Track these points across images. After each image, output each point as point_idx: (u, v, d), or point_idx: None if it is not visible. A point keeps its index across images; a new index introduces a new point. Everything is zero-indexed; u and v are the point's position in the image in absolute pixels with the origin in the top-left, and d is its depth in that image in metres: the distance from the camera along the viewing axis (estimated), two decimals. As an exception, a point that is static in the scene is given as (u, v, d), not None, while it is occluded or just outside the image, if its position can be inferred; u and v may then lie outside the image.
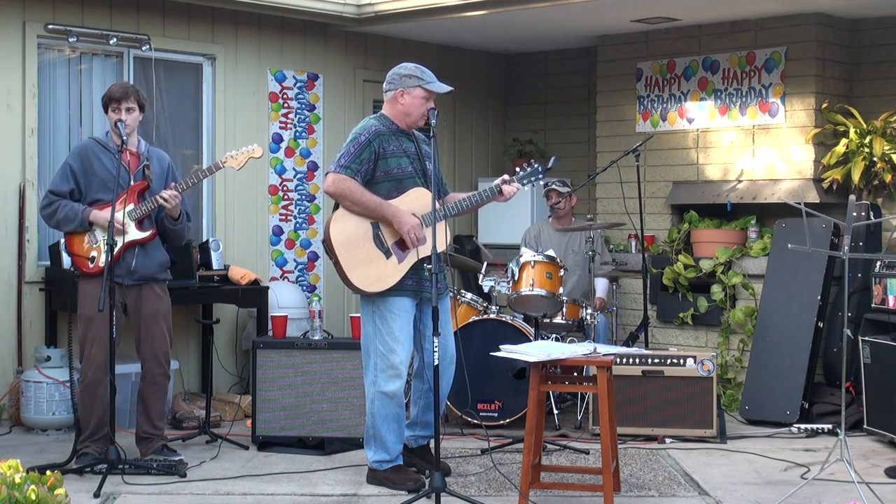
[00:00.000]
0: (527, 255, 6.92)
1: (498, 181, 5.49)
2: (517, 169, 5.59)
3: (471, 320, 6.89)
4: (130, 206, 5.77)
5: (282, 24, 8.21)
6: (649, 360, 6.64)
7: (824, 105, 7.64)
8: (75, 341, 5.84)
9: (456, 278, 8.95)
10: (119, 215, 5.67)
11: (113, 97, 5.80)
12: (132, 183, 5.82)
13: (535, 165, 5.56)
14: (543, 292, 6.78)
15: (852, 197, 5.46)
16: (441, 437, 5.18)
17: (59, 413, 6.69)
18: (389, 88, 5.51)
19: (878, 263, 6.62)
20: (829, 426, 6.73)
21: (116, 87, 5.88)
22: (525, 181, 5.54)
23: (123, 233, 5.69)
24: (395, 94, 5.48)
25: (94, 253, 5.73)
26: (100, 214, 5.68)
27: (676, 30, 8.25)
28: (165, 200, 5.74)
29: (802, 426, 6.80)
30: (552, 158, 5.71)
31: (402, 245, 5.39)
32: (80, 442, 5.78)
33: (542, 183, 6.65)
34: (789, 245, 5.78)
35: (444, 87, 5.47)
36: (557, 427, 6.81)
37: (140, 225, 5.79)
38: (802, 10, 7.58)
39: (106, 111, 5.85)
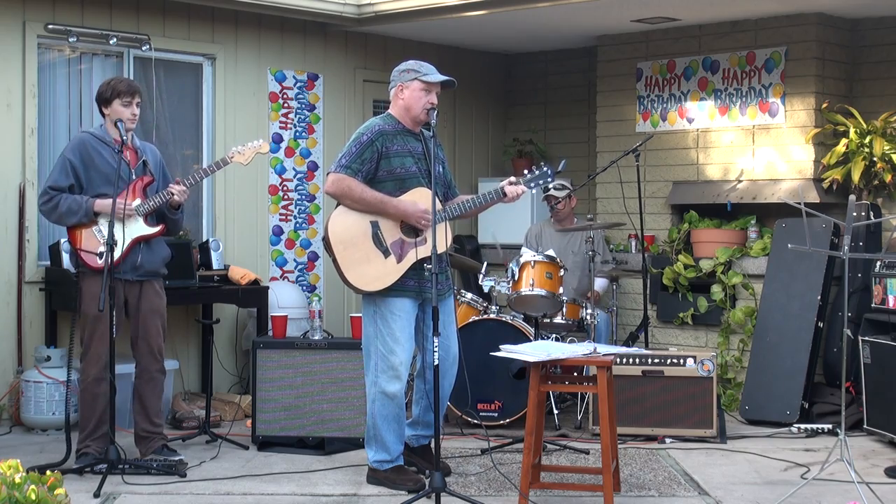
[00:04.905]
0: (527, 255, 6.92)
1: (504, 183, 5.47)
2: (525, 171, 5.56)
3: (471, 320, 6.89)
4: (137, 202, 5.77)
5: (282, 24, 8.21)
6: (649, 360, 6.64)
7: (824, 105, 7.63)
8: (77, 339, 5.83)
9: (456, 278, 8.95)
10: (130, 205, 5.70)
11: (123, 91, 5.75)
12: (134, 178, 5.82)
13: (545, 168, 5.52)
14: (543, 292, 6.78)
15: (852, 197, 5.45)
16: (441, 437, 5.18)
17: (59, 413, 6.68)
18: (391, 86, 5.52)
19: (878, 263, 6.62)
20: (829, 426, 6.73)
21: (122, 82, 5.83)
22: (533, 184, 5.51)
23: (127, 218, 5.67)
24: (396, 90, 5.48)
25: (102, 248, 5.66)
26: (105, 203, 5.62)
27: (676, 30, 8.25)
28: (174, 195, 5.77)
29: (802, 426, 6.80)
30: (562, 161, 5.66)
31: (401, 245, 5.39)
32: (80, 441, 5.78)
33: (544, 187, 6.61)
34: (789, 245, 5.78)
35: (441, 77, 5.45)
36: (557, 427, 6.81)
37: (146, 220, 5.80)
38: (802, 10, 7.58)
39: (107, 105, 5.79)
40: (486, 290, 7.11)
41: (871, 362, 6.44)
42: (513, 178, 5.50)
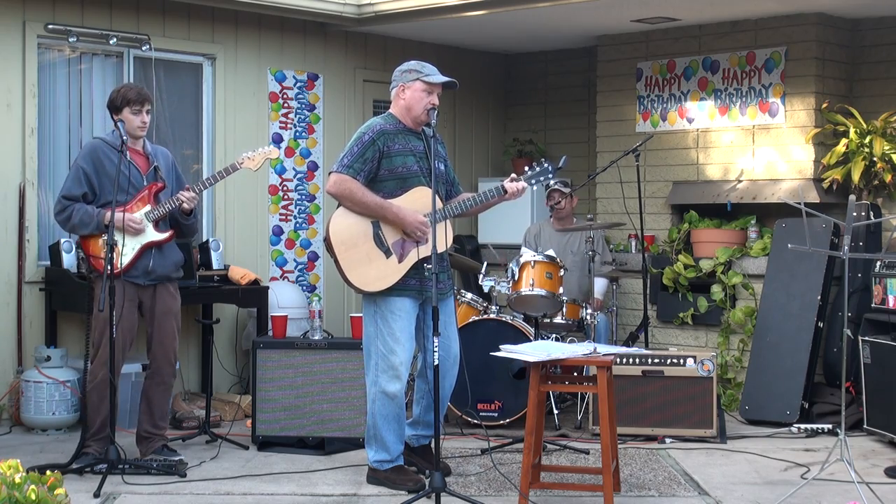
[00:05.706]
0: (527, 255, 6.92)
1: (505, 180, 5.48)
2: (526, 167, 5.57)
3: (471, 320, 6.89)
4: (147, 208, 5.78)
5: (282, 24, 8.21)
6: (649, 360, 6.64)
7: (824, 105, 7.64)
8: (91, 341, 5.83)
9: (456, 278, 8.95)
10: (138, 214, 5.72)
11: (132, 99, 5.76)
12: (145, 184, 5.83)
13: (546, 164, 5.52)
14: (543, 292, 6.78)
15: (852, 197, 5.46)
16: (441, 437, 5.18)
17: (59, 413, 6.69)
18: (393, 86, 5.52)
19: (878, 263, 6.62)
20: (829, 426, 6.73)
21: (132, 90, 5.83)
22: (534, 180, 5.52)
23: (140, 231, 5.71)
24: (397, 90, 5.49)
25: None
26: (114, 215, 5.63)
27: (676, 30, 8.25)
28: (184, 202, 5.78)
29: (802, 426, 6.80)
30: (563, 158, 5.67)
31: (403, 245, 5.39)
32: (85, 442, 5.77)
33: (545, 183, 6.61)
34: (789, 245, 5.78)
35: (442, 78, 5.45)
36: (557, 427, 6.81)
37: (157, 226, 5.81)
38: (802, 10, 7.58)
39: (117, 112, 5.79)
40: (486, 290, 7.11)
41: (871, 362, 6.44)
42: (514, 176, 5.52)
